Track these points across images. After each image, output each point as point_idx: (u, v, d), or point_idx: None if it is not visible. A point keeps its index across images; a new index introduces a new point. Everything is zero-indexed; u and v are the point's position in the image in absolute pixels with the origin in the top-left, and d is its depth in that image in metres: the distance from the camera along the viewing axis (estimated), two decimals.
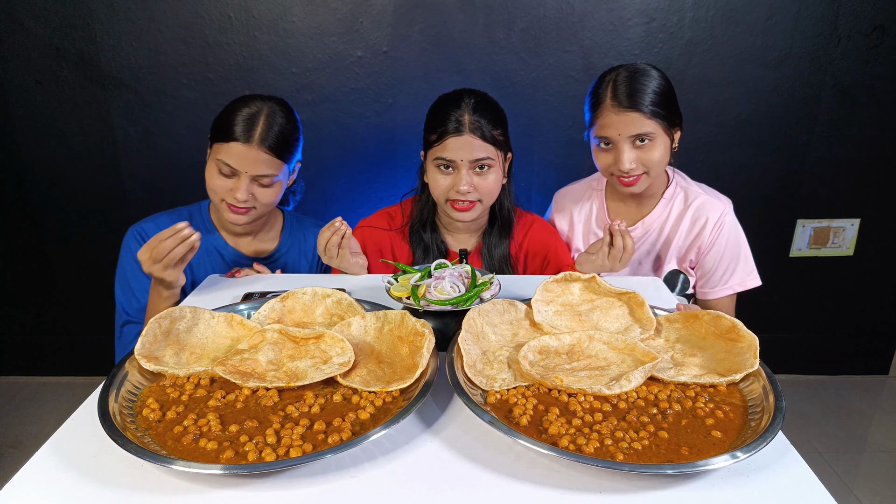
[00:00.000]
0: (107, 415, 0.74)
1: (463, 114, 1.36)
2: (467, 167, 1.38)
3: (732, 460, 0.68)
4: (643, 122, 1.38)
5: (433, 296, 1.02)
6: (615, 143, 1.42)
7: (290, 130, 1.41)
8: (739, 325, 0.93)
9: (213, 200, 1.43)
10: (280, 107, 1.41)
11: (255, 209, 1.42)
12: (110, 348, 1.56)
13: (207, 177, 1.40)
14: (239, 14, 2.02)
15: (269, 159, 1.37)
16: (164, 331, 0.93)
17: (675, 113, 1.45)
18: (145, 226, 1.46)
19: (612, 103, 1.40)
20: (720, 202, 1.54)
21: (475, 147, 1.36)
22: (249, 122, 1.35)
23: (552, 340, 0.94)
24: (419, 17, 2.04)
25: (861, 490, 1.99)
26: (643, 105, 1.38)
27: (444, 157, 1.38)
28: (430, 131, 1.41)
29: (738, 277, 1.56)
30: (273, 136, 1.37)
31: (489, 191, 1.41)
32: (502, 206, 1.52)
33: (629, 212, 1.60)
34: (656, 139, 1.41)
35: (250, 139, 1.34)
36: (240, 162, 1.35)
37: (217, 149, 1.37)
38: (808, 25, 2.08)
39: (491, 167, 1.40)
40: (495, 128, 1.39)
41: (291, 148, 1.42)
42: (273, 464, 0.68)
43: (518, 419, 0.77)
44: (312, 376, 0.84)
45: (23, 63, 2.06)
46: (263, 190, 1.40)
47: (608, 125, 1.41)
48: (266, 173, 1.37)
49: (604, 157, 1.47)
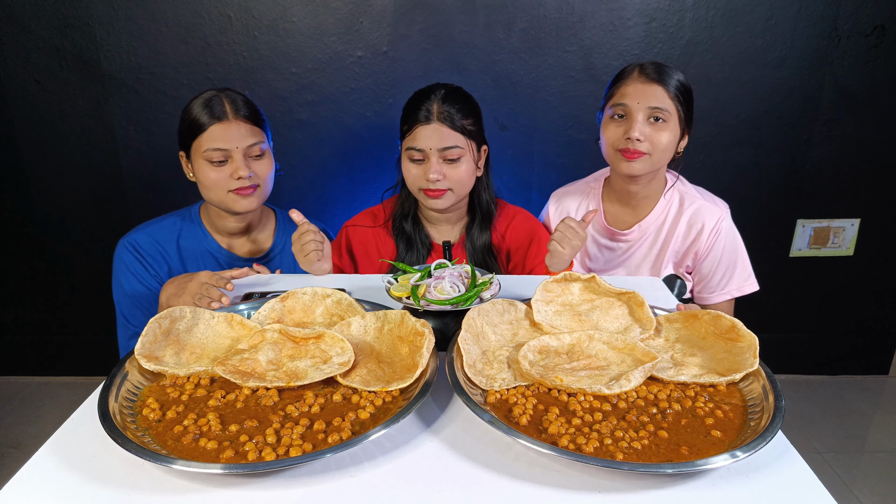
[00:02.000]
0: (107, 415, 0.74)
1: (432, 104, 1.41)
2: (437, 155, 1.41)
3: (732, 460, 0.68)
4: (664, 98, 1.40)
5: (433, 296, 1.02)
6: (630, 114, 1.43)
7: (254, 105, 1.45)
8: (739, 325, 0.93)
9: (215, 199, 1.42)
10: (228, 89, 1.44)
11: (259, 186, 1.43)
12: (110, 348, 1.56)
13: (201, 177, 1.40)
14: (239, 14, 2.02)
15: (250, 128, 1.40)
16: (164, 331, 0.93)
17: (690, 113, 1.47)
18: (136, 237, 1.45)
19: (639, 75, 1.43)
20: (717, 207, 1.54)
21: (444, 135, 1.40)
22: (214, 104, 1.38)
23: (552, 340, 0.94)
24: (419, 17, 2.04)
25: (861, 490, 1.99)
26: (668, 84, 1.41)
27: (414, 146, 1.42)
28: (403, 123, 1.46)
29: (736, 283, 1.56)
30: (242, 106, 1.40)
31: (459, 180, 1.44)
32: (481, 199, 1.55)
33: (626, 214, 1.60)
34: (669, 122, 1.42)
35: (225, 116, 1.37)
36: (227, 139, 1.37)
37: (198, 145, 1.38)
38: (808, 25, 2.08)
39: (461, 157, 1.43)
40: (465, 117, 1.43)
41: (261, 115, 1.46)
42: (273, 463, 0.68)
43: (518, 419, 0.77)
44: (312, 376, 0.84)
45: (23, 63, 2.06)
46: (258, 163, 1.42)
47: (629, 94, 1.43)
48: (254, 142, 1.40)
49: (613, 129, 1.47)
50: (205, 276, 1.17)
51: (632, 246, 1.59)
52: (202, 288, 1.15)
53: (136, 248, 1.43)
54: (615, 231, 1.59)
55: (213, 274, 1.18)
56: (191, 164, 1.43)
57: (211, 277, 1.17)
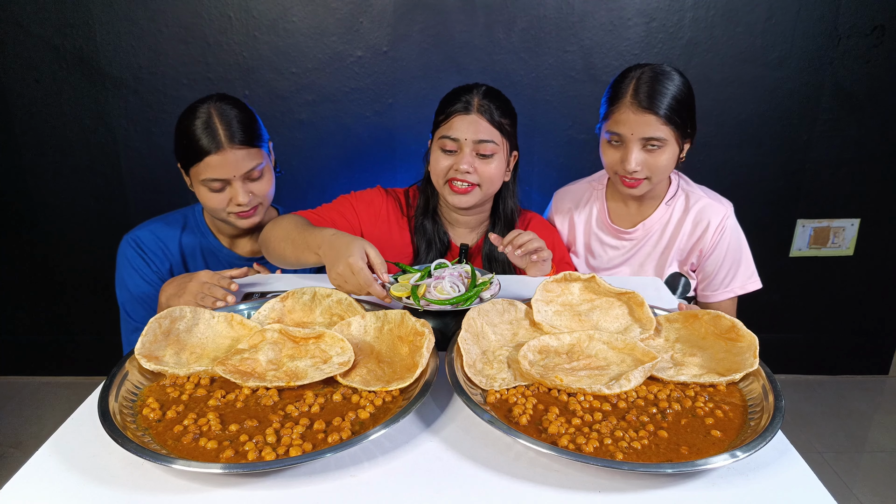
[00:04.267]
0: (107, 414, 0.74)
1: (473, 97, 1.38)
2: (470, 147, 1.38)
3: (732, 460, 0.68)
4: (657, 126, 1.38)
5: (433, 295, 1.02)
6: (625, 142, 1.42)
7: (246, 117, 1.40)
8: (739, 325, 0.93)
9: (218, 217, 1.43)
10: (223, 101, 1.39)
11: (261, 204, 1.43)
12: (110, 348, 1.56)
13: (203, 200, 1.40)
14: (239, 14, 2.02)
15: (246, 152, 1.36)
16: (165, 330, 0.93)
17: (691, 123, 1.44)
18: (140, 233, 1.45)
19: (631, 101, 1.40)
20: (722, 206, 1.54)
21: (480, 128, 1.37)
22: (208, 130, 1.33)
23: (552, 340, 0.94)
24: (419, 17, 2.04)
25: (861, 490, 1.99)
26: (660, 109, 1.37)
27: (450, 135, 1.38)
28: (440, 113, 1.43)
29: (740, 281, 1.56)
30: (236, 129, 1.35)
31: (490, 177, 1.41)
32: (506, 205, 1.52)
33: (630, 213, 1.60)
34: (666, 146, 1.40)
35: (220, 146, 1.33)
36: (224, 169, 1.34)
37: (196, 172, 1.36)
38: (808, 25, 2.08)
39: (494, 153, 1.40)
40: (503, 116, 1.40)
41: (257, 131, 1.42)
42: (273, 463, 0.68)
43: (518, 419, 0.77)
44: (312, 376, 0.84)
45: (23, 63, 2.06)
46: (258, 183, 1.41)
47: (623, 122, 1.41)
48: (252, 166, 1.37)
49: (611, 153, 1.46)
50: (205, 276, 1.17)
51: (636, 244, 1.59)
52: (204, 287, 1.15)
53: (139, 244, 1.44)
54: (619, 229, 1.59)
55: (213, 273, 1.18)
56: (189, 178, 1.42)
57: (211, 277, 1.17)
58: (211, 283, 1.15)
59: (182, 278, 1.20)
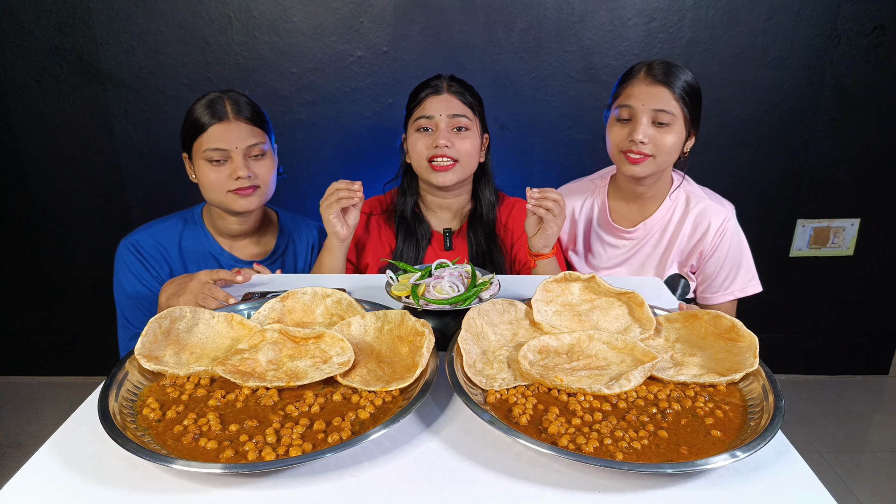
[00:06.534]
0: (107, 414, 0.74)
1: (442, 81, 1.50)
2: (446, 123, 1.45)
3: (732, 460, 0.68)
4: (670, 100, 1.40)
5: (433, 295, 1.02)
6: (635, 115, 1.42)
7: (254, 104, 1.46)
8: (739, 325, 0.93)
9: (215, 199, 1.42)
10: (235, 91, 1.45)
11: (259, 188, 1.43)
12: (110, 348, 1.56)
13: (202, 178, 1.41)
14: (239, 14, 2.02)
15: (251, 129, 1.41)
16: (165, 330, 0.93)
17: (697, 114, 1.47)
18: (138, 237, 1.45)
19: (645, 76, 1.43)
20: (723, 208, 1.54)
21: (453, 104, 1.46)
22: (216, 105, 1.39)
23: (552, 340, 0.94)
24: (419, 17, 2.04)
25: (861, 490, 1.99)
26: (675, 85, 1.41)
27: (424, 114, 1.46)
28: (411, 101, 1.51)
29: (740, 283, 1.56)
30: (244, 108, 1.41)
31: (467, 152, 1.47)
32: (485, 188, 1.57)
33: (631, 212, 1.60)
34: (674, 125, 1.41)
35: (226, 116, 1.38)
36: (226, 139, 1.37)
37: (199, 145, 1.39)
38: (808, 25, 2.08)
39: (469, 129, 1.47)
40: (472, 97, 1.50)
41: (264, 117, 1.46)
42: (273, 463, 0.68)
43: (518, 419, 0.77)
44: (312, 376, 0.84)
45: (23, 63, 2.06)
46: (259, 164, 1.42)
47: (635, 94, 1.43)
48: (254, 142, 1.40)
49: (618, 130, 1.47)
50: (205, 276, 1.17)
51: (637, 244, 1.59)
52: (204, 287, 1.15)
53: (138, 248, 1.43)
54: (620, 229, 1.59)
55: (212, 272, 1.18)
56: (192, 165, 1.43)
57: (211, 276, 1.17)
58: (211, 282, 1.16)
59: (182, 278, 1.20)
